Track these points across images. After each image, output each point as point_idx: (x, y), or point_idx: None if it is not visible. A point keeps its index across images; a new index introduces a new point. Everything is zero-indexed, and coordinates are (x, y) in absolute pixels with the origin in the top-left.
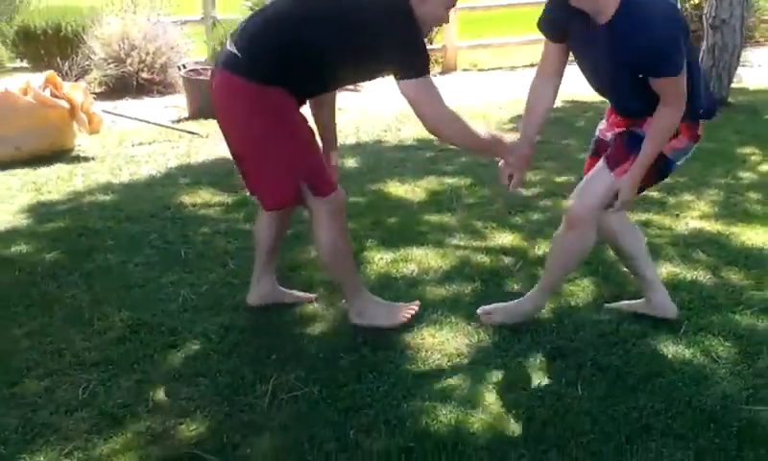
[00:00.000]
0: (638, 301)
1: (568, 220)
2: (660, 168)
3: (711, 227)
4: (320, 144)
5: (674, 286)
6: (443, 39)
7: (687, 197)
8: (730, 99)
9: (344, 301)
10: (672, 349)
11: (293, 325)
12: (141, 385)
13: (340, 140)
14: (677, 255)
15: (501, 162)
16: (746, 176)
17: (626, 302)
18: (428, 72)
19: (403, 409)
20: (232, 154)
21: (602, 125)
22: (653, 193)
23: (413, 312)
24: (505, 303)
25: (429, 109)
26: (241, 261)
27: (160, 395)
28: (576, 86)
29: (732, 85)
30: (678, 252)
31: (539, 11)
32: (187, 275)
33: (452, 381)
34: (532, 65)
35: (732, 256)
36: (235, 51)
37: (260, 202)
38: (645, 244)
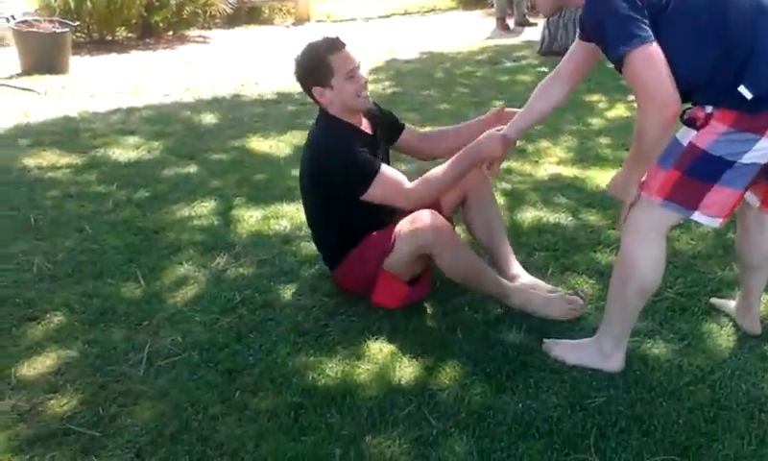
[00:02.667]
0: (726, 301)
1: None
2: (700, 164)
3: (569, 171)
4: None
5: (539, 230)
6: None
7: (545, 144)
8: None
9: None
10: None
11: (163, 290)
12: (0, 361)
13: (194, 95)
14: (539, 200)
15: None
16: (595, 122)
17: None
18: (377, 171)
19: (288, 366)
20: None
21: None
22: None
23: (579, 306)
24: (572, 341)
25: (401, 202)
26: (98, 225)
27: (24, 370)
28: (431, 40)
29: None
30: (540, 196)
31: None
32: (40, 242)
33: (335, 335)
34: (387, 16)
35: (589, 199)
36: None
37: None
38: None
